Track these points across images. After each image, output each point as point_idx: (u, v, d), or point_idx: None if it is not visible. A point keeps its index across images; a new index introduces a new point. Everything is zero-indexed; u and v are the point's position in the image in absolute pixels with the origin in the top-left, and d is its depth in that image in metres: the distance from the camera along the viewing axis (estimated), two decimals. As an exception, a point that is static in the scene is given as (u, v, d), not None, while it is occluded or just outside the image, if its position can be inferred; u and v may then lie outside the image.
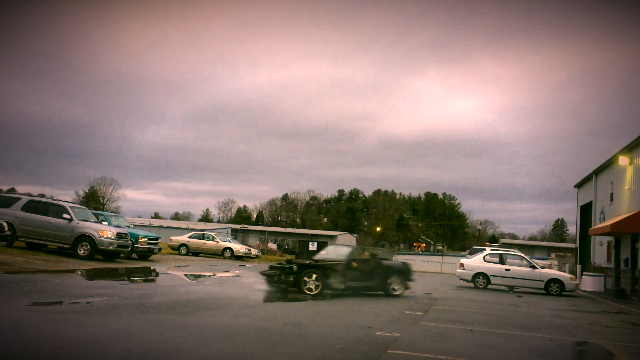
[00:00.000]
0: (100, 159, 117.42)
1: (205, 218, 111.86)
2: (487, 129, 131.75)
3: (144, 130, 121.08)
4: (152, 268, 19.22)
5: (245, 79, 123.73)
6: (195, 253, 31.66)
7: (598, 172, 30.34)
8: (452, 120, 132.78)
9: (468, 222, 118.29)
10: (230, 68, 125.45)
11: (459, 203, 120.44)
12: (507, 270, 21.65)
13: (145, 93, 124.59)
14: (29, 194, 24.84)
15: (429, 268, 43.39)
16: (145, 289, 11.95)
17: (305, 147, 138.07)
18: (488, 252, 23.40)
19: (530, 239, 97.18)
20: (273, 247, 53.45)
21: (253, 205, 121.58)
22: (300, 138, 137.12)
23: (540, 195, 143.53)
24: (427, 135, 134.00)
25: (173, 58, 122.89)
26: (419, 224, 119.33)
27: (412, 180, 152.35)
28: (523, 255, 23.41)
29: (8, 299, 8.82)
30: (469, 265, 22.27)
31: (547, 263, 36.08)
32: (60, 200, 19.75)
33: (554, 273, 22.94)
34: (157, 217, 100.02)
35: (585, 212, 34.47)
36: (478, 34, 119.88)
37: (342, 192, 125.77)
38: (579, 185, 36.60)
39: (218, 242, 32.63)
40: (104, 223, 20.60)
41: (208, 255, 31.55)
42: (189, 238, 32.86)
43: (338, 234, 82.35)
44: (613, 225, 22.20)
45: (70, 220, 18.13)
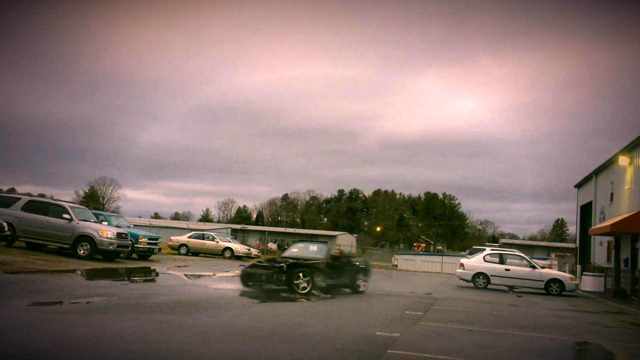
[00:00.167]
0: (100, 159, 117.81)
1: (205, 218, 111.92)
2: (487, 129, 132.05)
3: (144, 130, 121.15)
4: (152, 268, 19.23)
5: (245, 79, 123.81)
6: (195, 253, 31.66)
7: (598, 172, 30.34)
8: (452, 120, 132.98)
9: (468, 222, 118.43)
10: (230, 68, 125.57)
11: (459, 203, 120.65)
12: (507, 270, 21.63)
13: (145, 93, 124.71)
14: (29, 194, 24.83)
15: (429, 268, 43.36)
16: (145, 289, 11.95)
17: (305, 147, 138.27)
18: (488, 252, 23.37)
19: (530, 239, 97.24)
20: (273, 247, 53.44)
21: (253, 205, 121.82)
22: (300, 138, 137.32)
23: (540, 195, 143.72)
24: (427, 135, 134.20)
25: (173, 58, 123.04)
26: (419, 224, 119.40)
27: (412, 180, 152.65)
28: (523, 255, 23.39)
29: (8, 299, 8.81)
30: (469, 265, 22.25)
31: (547, 263, 36.05)
32: (60, 200, 19.75)
33: (554, 273, 22.93)
34: (157, 217, 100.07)
35: (585, 212, 34.47)
36: (478, 34, 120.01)
37: (342, 192, 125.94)
38: (579, 185, 36.61)
39: (218, 242, 32.63)
40: (104, 223, 20.59)
41: (208, 255, 31.55)
42: (189, 238, 32.86)
43: (338, 234, 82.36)
44: (613, 225, 22.21)
45: (70, 220, 18.13)
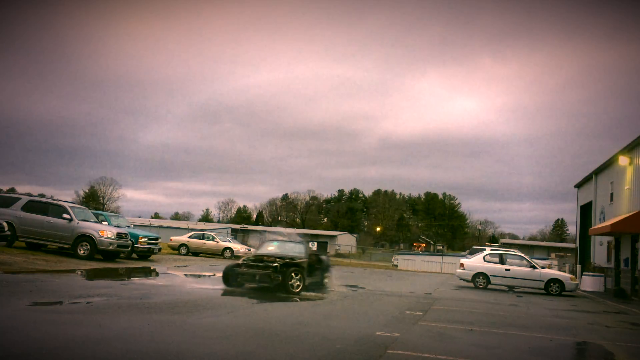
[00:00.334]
0: (100, 159, 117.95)
1: (205, 218, 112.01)
2: (487, 129, 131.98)
3: (144, 130, 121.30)
4: (152, 268, 19.22)
5: (245, 79, 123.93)
6: (195, 253, 31.65)
7: (598, 172, 30.33)
8: (452, 121, 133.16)
9: (468, 222, 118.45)
10: (230, 68, 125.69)
11: (459, 203, 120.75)
12: (507, 270, 21.62)
13: (145, 93, 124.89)
14: (29, 194, 24.81)
15: (429, 268, 43.35)
16: (145, 289, 11.94)
17: (305, 147, 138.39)
18: (488, 252, 23.35)
19: (530, 239, 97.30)
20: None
21: (253, 205, 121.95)
22: (300, 138, 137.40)
23: (540, 195, 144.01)
24: (427, 135, 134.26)
25: (173, 58, 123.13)
26: (419, 224, 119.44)
27: (412, 180, 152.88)
28: (523, 255, 23.38)
29: (8, 299, 8.81)
30: (469, 265, 22.24)
31: (547, 263, 36.04)
32: (60, 200, 19.74)
33: (554, 273, 22.92)
34: (157, 217, 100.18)
35: (585, 212, 34.47)
36: (478, 35, 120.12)
37: (342, 192, 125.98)
38: (579, 185, 36.60)
39: (218, 242, 32.62)
40: (104, 223, 20.59)
41: (208, 255, 31.53)
42: (189, 238, 32.85)
43: (338, 234, 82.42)
44: (613, 225, 22.20)
45: (70, 220, 18.13)
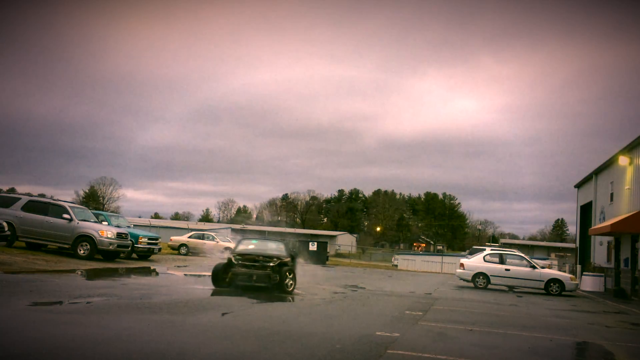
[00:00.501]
0: (100, 159, 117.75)
1: (205, 218, 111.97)
2: (487, 129, 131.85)
3: (144, 130, 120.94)
4: (152, 268, 19.23)
5: (245, 79, 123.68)
6: (195, 253, 31.66)
7: (598, 172, 30.33)
8: (452, 120, 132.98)
9: (468, 222, 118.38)
10: (230, 68, 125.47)
11: (459, 203, 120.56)
12: (507, 270, 21.62)
13: (145, 93, 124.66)
14: (29, 194, 24.80)
15: (429, 268, 43.33)
16: (145, 289, 11.94)
17: (305, 147, 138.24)
18: (488, 252, 23.35)
19: (530, 239, 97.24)
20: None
21: (253, 205, 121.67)
22: (300, 138, 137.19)
23: (540, 195, 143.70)
24: (427, 135, 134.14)
25: (173, 58, 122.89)
26: (419, 224, 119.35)
27: (412, 180, 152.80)
28: (523, 255, 23.38)
29: (8, 299, 8.82)
30: (469, 265, 22.24)
31: (547, 263, 36.05)
32: (60, 200, 19.74)
33: (554, 273, 22.91)
34: (157, 217, 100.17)
35: (585, 212, 34.46)
36: (479, 34, 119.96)
37: (342, 192, 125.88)
38: (579, 185, 36.60)
39: (218, 242, 32.63)
40: (104, 223, 20.59)
41: (208, 255, 31.52)
42: (189, 238, 32.89)
43: (338, 234, 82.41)
44: (613, 225, 22.21)
45: (70, 220, 18.13)
